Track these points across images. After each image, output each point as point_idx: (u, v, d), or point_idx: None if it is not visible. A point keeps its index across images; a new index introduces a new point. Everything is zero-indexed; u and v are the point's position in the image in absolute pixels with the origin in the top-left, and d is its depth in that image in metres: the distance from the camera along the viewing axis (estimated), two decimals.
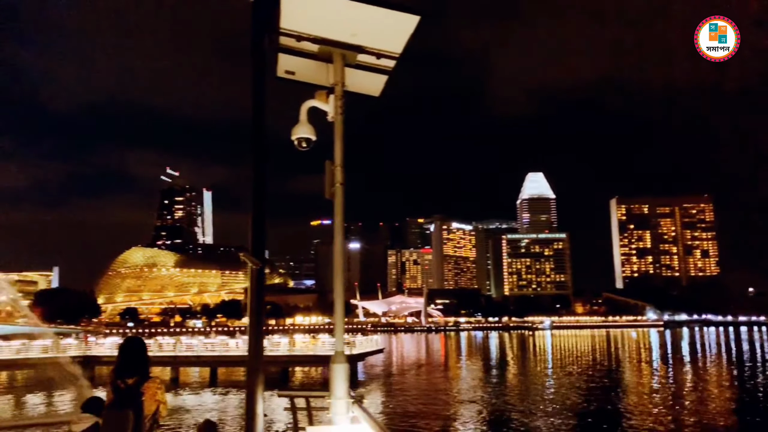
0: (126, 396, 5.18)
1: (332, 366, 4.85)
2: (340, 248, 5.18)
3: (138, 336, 5.88)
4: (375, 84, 5.89)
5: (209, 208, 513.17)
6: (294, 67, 5.73)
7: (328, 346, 52.09)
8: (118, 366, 5.41)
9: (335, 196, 5.11)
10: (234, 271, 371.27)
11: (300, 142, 5.36)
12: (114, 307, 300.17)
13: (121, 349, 5.60)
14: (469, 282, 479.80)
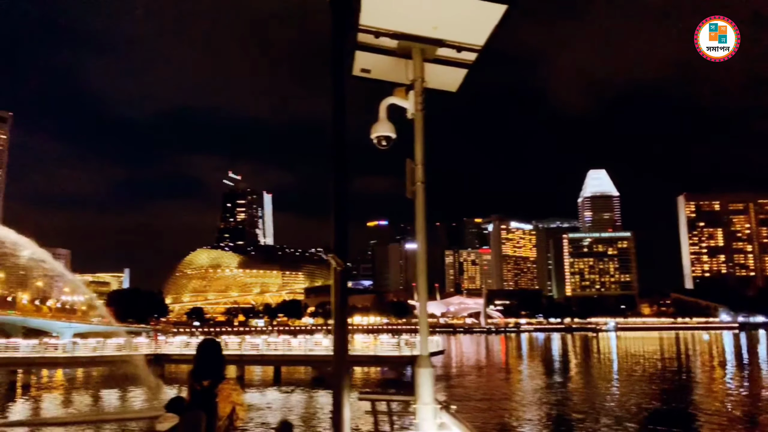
0: (201, 398, 5.20)
1: (417, 370, 4.70)
2: (423, 248, 5.04)
3: (213, 338, 5.88)
4: (453, 79, 5.74)
5: (269, 210, 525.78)
6: (370, 64, 5.63)
7: (388, 346, 52.12)
8: (195, 368, 5.42)
9: (416, 195, 4.98)
10: (294, 271, 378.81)
11: (380, 141, 5.26)
12: (181, 306, 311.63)
13: (197, 351, 5.58)
14: (529, 282, 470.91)
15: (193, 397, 5.26)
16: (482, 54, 5.33)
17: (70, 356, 52.48)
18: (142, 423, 31.16)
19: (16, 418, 35.98)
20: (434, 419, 4.59)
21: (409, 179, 5.00)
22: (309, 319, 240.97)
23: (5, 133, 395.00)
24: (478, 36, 5.08)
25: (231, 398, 5.26)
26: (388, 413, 6.97)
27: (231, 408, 5.26)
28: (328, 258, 4.29)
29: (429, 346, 18.70)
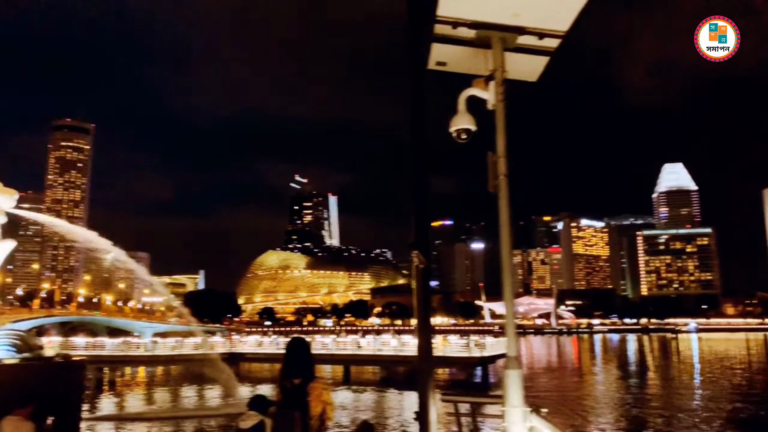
0: (293, 396, 5.19)
1: (505, 372, 4.51)
2: (508, 246, 4.83)
3: (301, 337, 5.89)
4: (534, 68, 5.50)
5: (335, 212, 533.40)
6: (447, 56, 5.48)
7: (457, 347, 51.61)
8: (285, 367, 5.43)
9: (499, 189, 4.78)
10: (360, 272, 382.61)
11: (459, 134, 5.09)
12: (253, 307, 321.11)
13: (286, 350, 5.59)
14: (602, 282, 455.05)
15: (285, 396, 5.27)
16: (565, 40, 5.08)
17: (151, 355, 54.99)
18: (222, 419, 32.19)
19: (104, 413, 38.03)
20: (524, 423, 4.38)
21: (491, 173, 4.81)
22: (376, 319, 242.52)
23: (89, 144, 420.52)
24: (562, 21, 4.84)
25: (322, 397, 5.22)
26: (472, 415, 6.77)
27: (322, 407, 5.22)
28: (414, 256, 4.17)
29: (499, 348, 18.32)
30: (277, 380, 5.47)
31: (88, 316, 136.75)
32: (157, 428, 32.56)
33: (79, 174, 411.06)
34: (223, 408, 38.84)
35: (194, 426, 32.94)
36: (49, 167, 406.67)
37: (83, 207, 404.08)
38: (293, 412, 5.07)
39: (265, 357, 57.65)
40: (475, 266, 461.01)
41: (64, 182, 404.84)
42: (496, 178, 4.80)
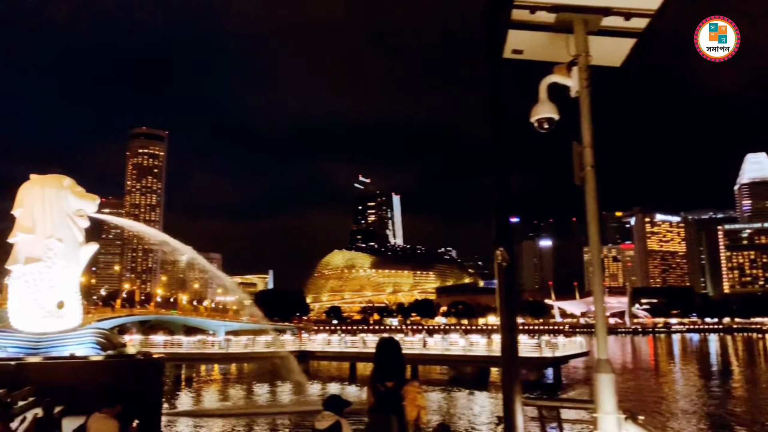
0: (387, 400, 5.02)
1: (597, 375, 4.21)
2: (597, 240, 4.53)
3: (391, 337, 5.73)
4: (618, 51, 5.14)
5: (398, 212, 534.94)
6: (523, 44, 5.21)
7: (527, 347, 50.43)
8: (376, 368, 5.28)
9: (586, 180, 4.49)
10: (424, 271, 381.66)
11: (541, 123, 4.83)
12: (320, 305, 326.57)
13: (377, 350, 5.41)
14: (679, 279, 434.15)
15: (378, 400, 5.10)
16: (655, 19, 4.72)
17: (225, 352, 56.76)
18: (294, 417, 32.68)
19: (183, 409, 39.53)
20: (618, 431, 4.07)
21: (576, 164, 4.53)
22: (441, 318, 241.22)
23: (163, 150, 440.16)
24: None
25: (417, 401, 5.04)
26: (557, 421, 6.43)
27: (417, 412, 5.03)
28: (499, 254, 3.95)
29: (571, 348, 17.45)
30: (368, 383, 5.30)
31: (166, 315, 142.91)
32: (232, 424, 33.52)
33: (155, 179, 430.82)
34: (294, 405, 39.58)
35: (267, 423, 33.73)
36: (128, 173, 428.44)
37: (159, 211, 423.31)
38: (390, 416, 4.90)
39: (334, 355, 58.38)
40: (543, 264, 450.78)
41: (141, 187, 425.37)
42: (582, 170, 4.51)
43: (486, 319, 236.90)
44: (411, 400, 5.01)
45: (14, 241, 28.95)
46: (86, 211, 30.59)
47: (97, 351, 28.31)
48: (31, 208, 28.81)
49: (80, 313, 30.43)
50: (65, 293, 29.31)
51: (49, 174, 30.78)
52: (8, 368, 25.11)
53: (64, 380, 25.11)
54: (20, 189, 29.53)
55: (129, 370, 27.79)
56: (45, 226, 28.58)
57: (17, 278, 28.86)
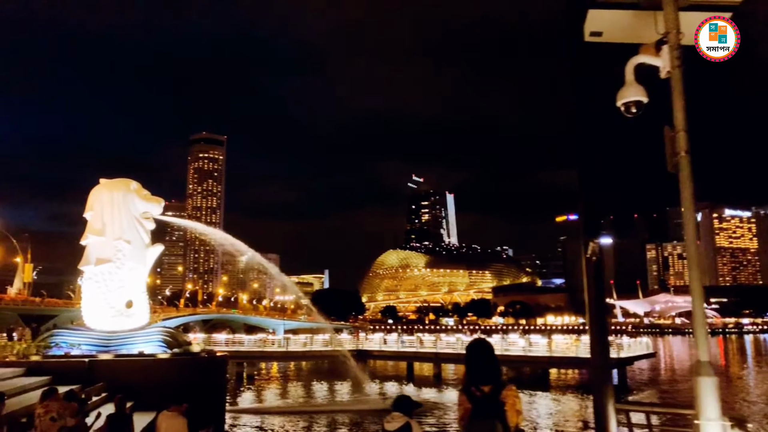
0: (486, 405, 4.70)
1: (698, 379, 3.85)
2: (693, 233, 4.16)
3: (484, 338, 5.42)
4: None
5: (452, 211, 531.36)
6: (604, 24, 4.87)
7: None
8: (470, 371, 4.98)
9: (680, 168, 4.13)
10: (480, 270, 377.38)
11: (629, 107, 4.50)
12: (375, 305, 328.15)
13: (468, 352, 5.12)
14: (751, 277, 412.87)
15: (476, 405, 4.77)
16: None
17: (284, 351, 57.61)
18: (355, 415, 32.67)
19: (245, 406, 40.35)
20: None
21: (669, 150, 4.18)
22: (499, 318, 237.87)
23: (222, 154, 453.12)
24: None
25: (517, 406, 4.75)
26: (648, 427, 5.98)
27: (517, 417, 4.73)
28: (592, 246, 3.66)
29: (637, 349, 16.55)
30: (462, 387, 4.99)
31: (227, 314, 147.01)
32: (292, 422, 33.95)
33: (215, 182, 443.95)
34: (354, 404, 39.73)
35: (327, 420, 33.98)
36: (189, 177, 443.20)
37: (219, 213, 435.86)
38: (494, 422, 4.61)
39: (391, 355, 58.34)
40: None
41: (202, 191, 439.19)
42: (676, 155, 4.16)
43: (545, 319, 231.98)
44: (511, 405, 4.72)
45: (86, 243, 30.22)
46: (152, 214, 31.62)
47: (163, 349, 29.20)
48: (101, 212, 29.99)
49: (147, 312, 31.46)
50: (133, 293, 30.35)
51: (117, 178, 31.98)
52: (82, 365, 26.22)
53: (133, 377, 26.00)
54: (91, 193, 30.78)
55: (194, 367, 28.52)
56: (114, 229, 29.68)
57: (89, 279, 30.10)
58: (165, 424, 7.54)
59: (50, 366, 25.66)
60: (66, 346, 28.43)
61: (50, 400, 10.81)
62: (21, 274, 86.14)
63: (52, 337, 29.36)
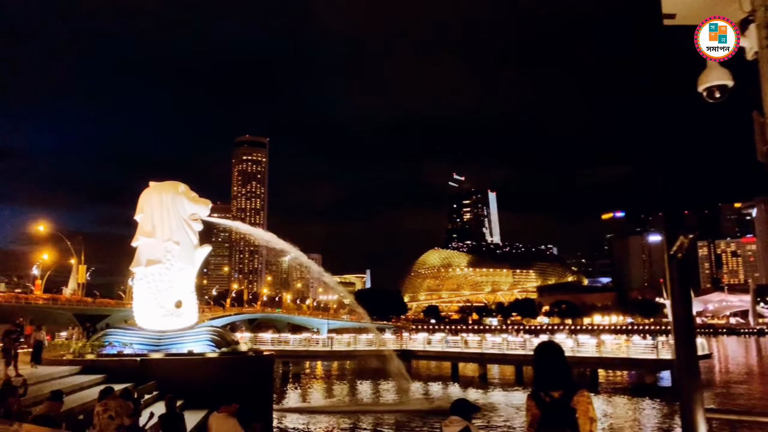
0: (556, 412, 4.41)
1: None
2: None
3: (552, 341, 5.11)
4: None
5: (495, 209, 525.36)
6: (678, 5, 4.54)
7: (641, 348, 47.43)
8: (538, 375, 4.68)
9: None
10: (524, 269, 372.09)
11: (712, 92, 4.16)
12: (417, 305, 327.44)
13: (536, 356, 4.81)
14: None
15: (545, 412, 4.47)
16: None
17: (329, 350, 57.95)
18: (400, 416, 32.41)
19: (291, 405, 40.68)
20: None
21: (758, 138, 3.83)
22: (544, 318, 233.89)
23: (265, 156, 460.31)
24: None
25: (589, 413, 4.39)
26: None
27: (590, 425, 4.39)
28: (679, 241, 3.36)
29: None
30: (530, 392, 4.68)
31: (272, 313, 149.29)
32: (338, 421, 34.03)
33: (259, 184, 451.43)
34: (398, 404, 39.59)
35: (372, 420, 33.94)
36: (234, 180, 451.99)
37: (263, 214, 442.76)
38: (563, 430, 4.33)
39: (435, 355, 57.96)
40: (652, 261, 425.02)
41: (246, 192, 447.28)
42: (766, 144, 3.80)
43: (591, 319, 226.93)
44: (583, 412, 4.38)
45: (137, 245, 31.00)
46: (200, 215, 32.22)
47: (212, 348, 29.69)
48: (150, 214, 30.71)
49: (196, 312, 32.07)
50: (182, 293, 30.97)
51: (166, 181, 32.71)
52: (134, 364, 26.89)
53: (183, 376, 26.49)
54: (141, 196, 31.57)
55: (242, 366, 28.89)
56: (164, 230, 30.34)
57: (140, 279, 30.88)
58: (216, 425, 7.51)
59: (104, 364, 26.42)
60: (119, 345, 29.23)
61: (108, 398, 11.01)
62: (75, 275, 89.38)
63: (105, 337, 30.25)
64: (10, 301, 76.42)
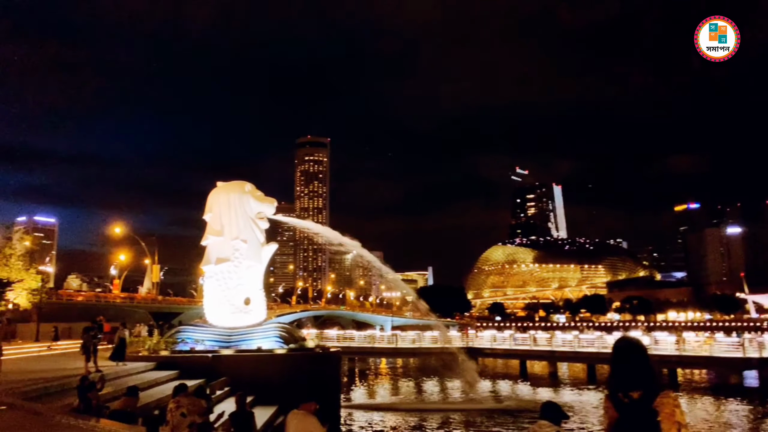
0: (636, 414, 3.96)
1: None
2: None
3: (632, 337, 4.54)
4: None
5: (560, 203, 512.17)
6: None
7: (724, 346, 44.62)
8: (617, 374, 4.22)
9: None
10: (593, 265, 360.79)
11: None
12: (482, 302, 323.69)
13: (615, 352, 4.34)
14: None
15: (623, 414, 4.04)
16: None
17: (394, 347, 57.80)
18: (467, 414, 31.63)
19: (357, 402, 40.67)
20: None
21: None
22: (614, 314, 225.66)
23: (326, 156, 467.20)
24: None
25: (676, 417, 3.91)
26: None
27: (677, 430, 3.91)
28: None
29: None
30: (607, 393, 4.23)
31: (336, 310, 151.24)
32: (405, 419, 33.67)
33: (320, 184, 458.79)
34: (466, 403, 38.87)
35: (440, 419, 33.39)
36: (296, 180, 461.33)
37: (325, 213, 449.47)
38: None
39: (503, 352, 56.76)
40: (731, 254, 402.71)
41: (308, 192, 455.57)
42: None
43: (665, 315, 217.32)
44: (668, 416, 3.88)
45: (206, 244, 31.72)
46: (266, 214, 32.65)
47: (280, 345, 29.99)
48: (219, 213, 31.36)
49: (264, 309, 32.53)
50: (251, 290, 31.46)
51: (232, 181, 33.35)
52: (206, 360, 27.49)
53: (252, 372, 26.86)
54: (209, 196, 32.30)
55: (310, 363, 29.05)
56: (231, 229, 30.92)
57: (210, 277, 31.58)
58: (295, 422, 7.25)
59: (177, 361, 27.13)
60: (191, 341, 29.97)
61: (181, 396, 11.04)
62: (150, 274, 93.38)
63: (178, 334, 31.09)
64: (90, 300, 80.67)
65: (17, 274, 58.47)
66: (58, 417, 11.92)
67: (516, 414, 33.54)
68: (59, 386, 17.54)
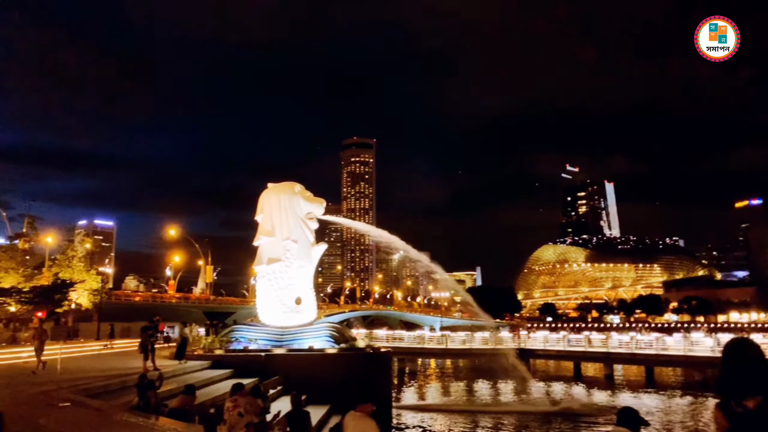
0: (751, 425, 3.45)
1: None
2: None
3: (746, 338, 4.04)
4: None
5: (612, 201, 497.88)
6: None
7: None
8: (728, 380, 3.74)
9: None
10: (648, 264, 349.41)
11: None
12: (532, 302, 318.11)
13: (725, 355, 3.89)
14: None
15: (735, 425, 3.54)
16: None
17: (444, 348, 57.26)
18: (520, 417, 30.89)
19: (408, 403, 40.37)
20: None
21: None
22: (672, 315, 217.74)
23: (372, 157, 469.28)
24: None
25: None
26: None
27: None
28: None
29: None
30: (717, 402, 3.76)
31: (384, 311, 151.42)
32: (456, 421, 33.19)
33: (367, 185, 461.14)
34: (520, 405, 38.06)
35: (492, 421, 32.75)
36: (343, 181, 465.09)
37: (372, 214, 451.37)
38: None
39: (556, 354, 55.41)
40: None
41: (355, 193, 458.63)
42: None
43: (726, 316, 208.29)
44: None
45: (258, 245, 32.10)
46: (315, 214, 32.80)
47: (331, 344, 30.03)
48: (270, 214, 31.70)
49: (315, 308, 32.68)
50: (302, 290, 31.66)
51: (282, 182, 33.66)
52: (259, 359, 27.77)
53: (304, 371, 26.96)
54: (260, 197, 32.69)
55: (360, 363, 28.95)
56: (282, 229, 31.20)
57: (262, 277, 31.94)
58: (353, 424, 7.07)
59: (232, 360, 27.51)
60: (245, 341, 30.35)
61: (238, 395, 11.05)
62: (203, 275, 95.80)
63: (232, 333, 31.56)
64: (147, 300, 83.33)
65: (79, 275, 60.98)
66: (118, 414, 12.14)
67: (575, 418, 32.53)
68: (119, 384, 17.96)
